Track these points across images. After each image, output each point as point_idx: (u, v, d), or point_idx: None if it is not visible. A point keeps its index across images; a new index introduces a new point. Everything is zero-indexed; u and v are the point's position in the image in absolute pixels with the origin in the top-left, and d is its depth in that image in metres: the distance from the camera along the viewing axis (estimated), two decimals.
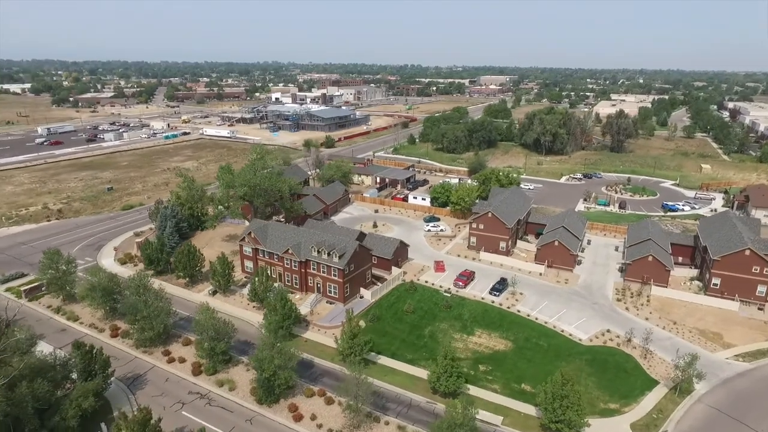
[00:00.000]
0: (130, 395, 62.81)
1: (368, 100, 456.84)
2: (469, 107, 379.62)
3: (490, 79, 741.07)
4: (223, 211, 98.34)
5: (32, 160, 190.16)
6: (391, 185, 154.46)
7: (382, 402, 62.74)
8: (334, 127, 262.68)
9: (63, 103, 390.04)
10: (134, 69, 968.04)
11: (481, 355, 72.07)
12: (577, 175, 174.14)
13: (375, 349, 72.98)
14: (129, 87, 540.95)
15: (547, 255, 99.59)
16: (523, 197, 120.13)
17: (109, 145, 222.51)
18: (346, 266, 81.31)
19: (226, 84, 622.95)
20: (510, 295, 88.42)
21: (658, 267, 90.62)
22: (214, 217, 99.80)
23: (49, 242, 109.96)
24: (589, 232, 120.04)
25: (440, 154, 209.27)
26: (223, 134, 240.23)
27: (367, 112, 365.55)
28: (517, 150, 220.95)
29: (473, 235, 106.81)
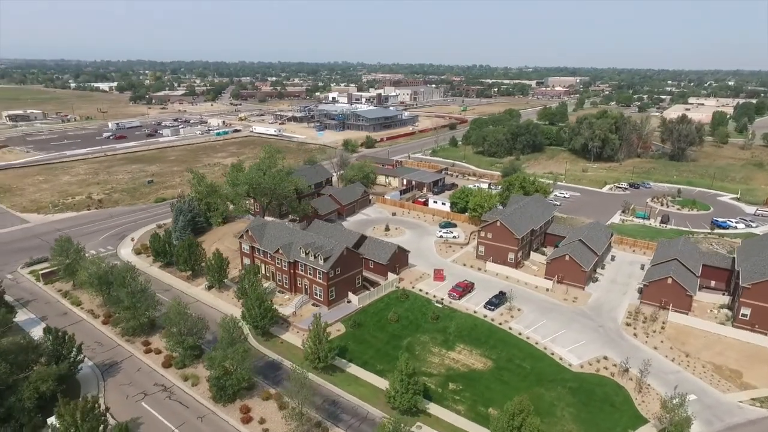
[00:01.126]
0: (101, 381, 65.47)
1: (424, 100, 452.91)
2: (526, 110, 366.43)
3: (559, 81, 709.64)
4: (229, 207, 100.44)
5: (94, 153, 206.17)
6: (417, 188, 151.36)
7: (338, 412, 61.02)
8: (379, 127, 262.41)
9: (139, 100, 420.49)
10: (213, 68, 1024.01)
11: (455, 372, 68.13)
12: (623, 184, 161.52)
13: (348, 357, 71.44)
14: (201, 85, 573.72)
15: (557, 270, 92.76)
16: (544, 206, 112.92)
17: (165, 140, 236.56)
18: (331, 269, 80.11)
19: (291, 83, 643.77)
20: (506, 310, 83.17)
21: (677, 291, 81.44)
22: (220, 213, 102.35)
23: (82, 230, 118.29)
24: (617, 247, 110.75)
25: (480, 157, 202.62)
26: (270, 132, 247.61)
27: (420, 112, 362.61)
28: (564, 155, 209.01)
29: (481, 244, 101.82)
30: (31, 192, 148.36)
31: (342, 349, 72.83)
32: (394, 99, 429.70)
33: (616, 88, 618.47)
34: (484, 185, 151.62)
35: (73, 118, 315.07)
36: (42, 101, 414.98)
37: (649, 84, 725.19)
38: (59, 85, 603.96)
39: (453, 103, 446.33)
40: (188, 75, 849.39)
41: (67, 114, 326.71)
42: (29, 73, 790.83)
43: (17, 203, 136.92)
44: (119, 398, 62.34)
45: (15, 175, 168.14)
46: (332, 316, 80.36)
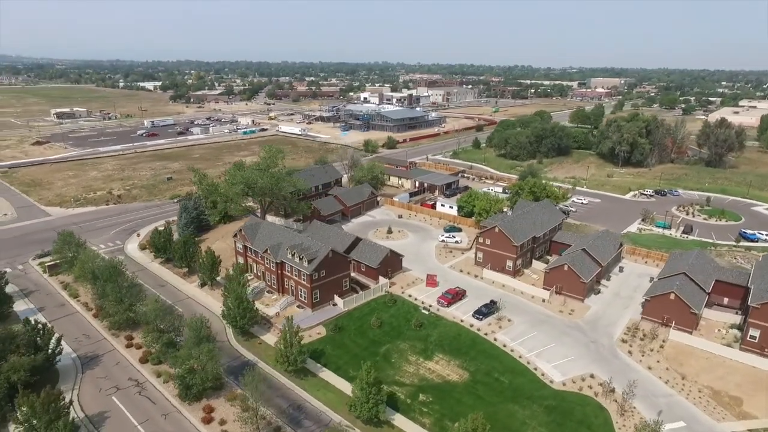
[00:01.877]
0: (80, 373, 67.29)
1: (457, 101, 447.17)
2: (561, 111, 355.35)
3: (602, 82, 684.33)
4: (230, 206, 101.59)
5: (125, 150, 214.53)
6: (429, 191, 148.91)
7: (301, 417, 60.23)
8: (404, 128, 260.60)
9: (179, 99, 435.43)
10: (255, 68, 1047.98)
11: (428, 383, 65.98)
12: (648, 191, 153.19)
13: (323, 361, 70.58)
14: (240, 85, 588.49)
15: (555, 280, 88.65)
16: (551, 213, 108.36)
17: (193, 138, 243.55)
18: (315, 272, 79.46)
19: (328, 83, 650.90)
20: (496, 320, 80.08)
21: (680, 307, 76.02)
22: (218, 211, 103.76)
23: (96, 224, 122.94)
24: (628, 257, 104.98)
25: (501, 160, 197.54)
26: (295, 132, 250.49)
27: (450, 113, 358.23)
28: (592, 159, 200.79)
29: (480, 250, 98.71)
30: (59, 186, 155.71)
31: (318, 353, 72.15)
32: (426, 99, 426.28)
33: (663, 90, 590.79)
34: (498, 189, 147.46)
35: (114, 116, 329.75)
36: (90, 100, 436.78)
37: (701, 85, 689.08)
38: (109, 84, 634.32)
39: (486, 104, 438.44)
40: (231, 75, 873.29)
41: (109, 112, 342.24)
42: (84, 73, 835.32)
43: (44, 197, 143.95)
44: (92, 391, 63.86)
45: (49, 170, 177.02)
46: (315, 318, 79.78)
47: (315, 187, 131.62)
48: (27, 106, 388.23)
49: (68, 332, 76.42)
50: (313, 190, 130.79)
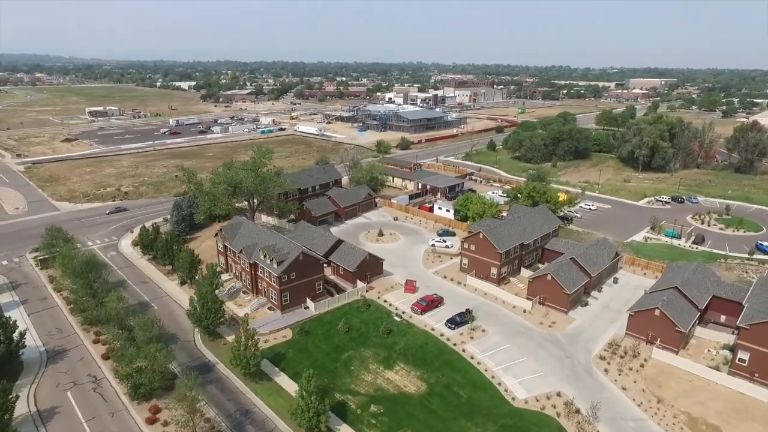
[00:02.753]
0: (43, 367, 68.45)
1: (484, 102, 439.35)
2: (591, 113, 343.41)
3: (640, 83, 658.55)
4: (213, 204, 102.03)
5: (145, 148, 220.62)
6: (431, 193, 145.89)
7: (245, 423, 59.15)
8: (421, 128, 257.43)
9: (209, 98, 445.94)
10: (290, 69, 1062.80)
11: (383, 393, 63.69)
12: (664, 197, 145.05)
13: (283, 365, 69.38)
14: (271, 85, 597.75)
15: (538, 290, 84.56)
16: (545, 219, 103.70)
17: (212, 137, 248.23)
18: (284, 274, 78.44)
19: (358, 83, 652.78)
20: (469, 330, 76.94)
21: (666, 324, 70.79)
22: (202, 210, 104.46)
23: (97, 220, 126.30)
24: (626, 268, 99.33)
25: (515, 163, 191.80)
26: (311, 131, 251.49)
27: (474, 114, 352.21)
28: (611, 163, 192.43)
29: (465, 257, 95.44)
30: (73, 182, 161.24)
31: (279, 357, 71.06)
32: (452, 100, 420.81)
33: (706, 91, 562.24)
34: (499, 192, 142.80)
35: (144, 115, 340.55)
36: (126, 99, 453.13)
37: (750, 86, 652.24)
38: (147, 84, 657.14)
39: (514, 105, 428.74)
40: (265, 75, 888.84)
41: (140, 111, 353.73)
42: (127, 72, 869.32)
43: (56, 192, 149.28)
44: (50, 385, 64.80)
45: (69, 166, 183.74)
46: (283, 321, 78.81)
47: (312, 188, 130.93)
48: (67, 105, 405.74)
49: (44, 325, 78.44)
50: (310, 190, 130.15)
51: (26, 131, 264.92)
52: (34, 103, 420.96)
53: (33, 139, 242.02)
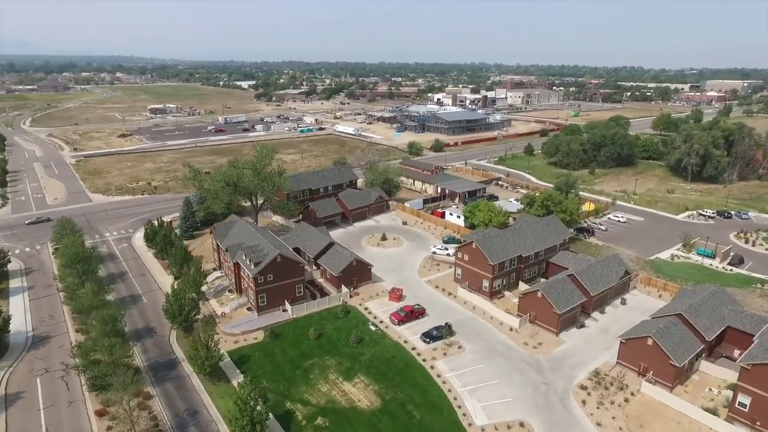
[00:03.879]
0: (25, 352, 71.91)
1: (538, 103, 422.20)
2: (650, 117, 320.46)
3: (718, 84, 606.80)
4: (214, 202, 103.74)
5: (188, 144, 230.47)
6: (450, 198, 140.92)
7: (189, 424, 58.71)
8: (459, 130, 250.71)
9: (263, 97, 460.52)
10: (350, 69, 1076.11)
11: (334, 406, 61.15)
12: (708, 211, 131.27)
13: (245, 368, 68.62)
14: (326, 85, 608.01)
15: (529, 307, 78.57)
16: (555, 230, 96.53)
17: (254, 135, 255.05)
18: (260, 275, 77.80)
19: (412, 84, 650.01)
20: (446, 345, 72.69)
21: (659, 356, 63.11)
22: (203, 208, 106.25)
23: (121, 212, 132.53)
24: (641, 288, 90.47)
25: (550, 169, 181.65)
26: (348, 131, 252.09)
27: (524, 116, 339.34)
28: (658, 172, 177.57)
29: (459, 267, 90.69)
30: (113, 175, 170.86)
31: (244, 359, 70.48)
32: (503, 101, 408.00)
33: None
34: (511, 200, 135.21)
35: (199, 112, 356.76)
36: (189, 97, 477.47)
37: None
38: (211, 83, 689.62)
39: (570, 107, 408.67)
40: (324, 75, 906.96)
41: (196, 108, 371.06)
42: (196, 72, 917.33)
43: (95, 184, 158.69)
44: (25, 369, 67.86)
45: (114, 160, 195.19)
46: (258, 322, 78.26)
47: (324, 188, 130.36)
48: (135, 102, 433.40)
49: (39, 312, 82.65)
50: (322, 191, 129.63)
51: (91, 126, 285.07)
52: (107, 100, 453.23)
53: (94, 134, 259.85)
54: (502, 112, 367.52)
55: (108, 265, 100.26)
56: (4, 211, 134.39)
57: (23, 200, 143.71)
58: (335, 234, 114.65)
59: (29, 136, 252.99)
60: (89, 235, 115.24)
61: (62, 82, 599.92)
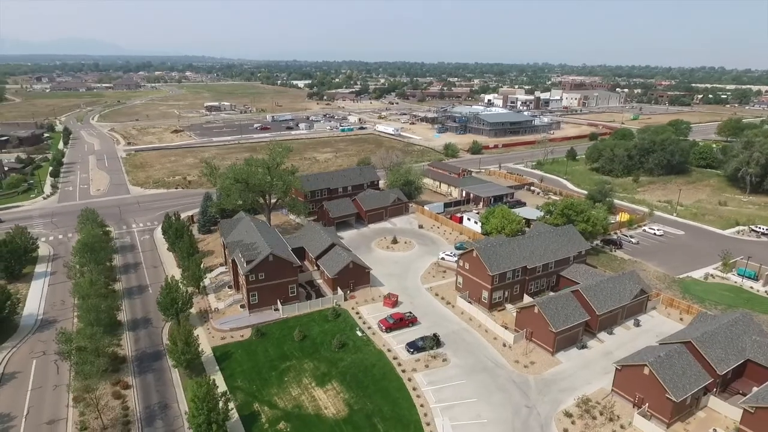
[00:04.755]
0: (31, 334, 76.05)
1: (595, 106, 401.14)
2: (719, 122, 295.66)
3: None
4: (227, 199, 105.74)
5: (231, 141, 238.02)
6: (474, 202, 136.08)
7: (157, 418, 59.53)
8: (501, 132, 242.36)
9: (314, 96, 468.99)
10: (407, 68, 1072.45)
11: (299, 412, 59.89)
12: (761, 227, 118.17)
13: (224, 365, 68.99)
14: (380, 84, 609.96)
15: (525, 323, 73.77)
16: (571, 241, 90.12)
17: (296, 133, 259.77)
18: (251, 273, 78.00)
19: (467, 84, 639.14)
20: (430, 357, 69.63)
21: (655, 388, 56.84)
22: (216, 204, 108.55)
23: (151, 205, 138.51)
24: (661, 309, 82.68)
25: (591, 175, 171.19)
26: (388, 131, 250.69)
27: (576, 119, 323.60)
28: (712, 182, 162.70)
29: (461, 275, 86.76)
30: (155, 169, 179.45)
31: (227, 356, 70.91)
32: (557, 103, 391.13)
33: None
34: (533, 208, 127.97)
35: (250, 110, 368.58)
36: (246, 95, 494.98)
37: None
38: (270, 82, 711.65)
39: (631, 110, 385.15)
40: (381, 74, 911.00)
41: (249, 106, 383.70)
42: (258, 71, 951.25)
43: (136, 177, 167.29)
44: (26, 351, 71.82)
45: (160, 155, 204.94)
46: (248, 320, 78.57)
47: (344, 188, 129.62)
48: (195, 100, 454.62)
49: (54, 296, 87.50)
50: (341, 191, 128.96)
51: (149, 122, 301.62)
52: (171, 97, 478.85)
53: (151, 130, 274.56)
54: (555, 114, 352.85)
55: (126, 255, 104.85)
56: (51, 200, 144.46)
57: (70, 190, 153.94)
58: (347, 235, 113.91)
59: (93, 131, 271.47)
60: (117, 225, 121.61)
61: (134, 81, 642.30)
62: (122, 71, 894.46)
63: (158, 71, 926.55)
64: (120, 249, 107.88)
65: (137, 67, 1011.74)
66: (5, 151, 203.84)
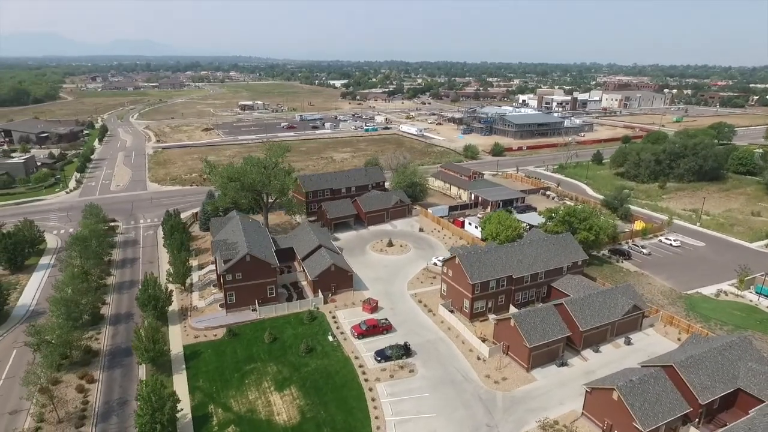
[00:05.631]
0: (19, 324, 78.66)
1: (637, 107, 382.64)
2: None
3: None
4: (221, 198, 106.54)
5: (255, 139, 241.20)
6: (482, 206, 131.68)
7: (113, 413, 60.02)
8: (527, 134, 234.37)
9: (348, 96, 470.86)
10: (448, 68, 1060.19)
11: (251, 417, 58.83)
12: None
13: (192, 363, 69.02)
14: (416, 84, 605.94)
15: (503, 336, 69.99)
16: (565, 250, 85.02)
17: (320, 133, 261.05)
18: (227, 273, 77.90)
19: (505, 84, 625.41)
20: (397, 366, 67.16)
21: (624, 415, 52.19)
22: (211, 203, 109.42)
23: (162, 201, 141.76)
24: (660, 328, 76.55)
25: (614, 180, 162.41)
26: (411, 132, 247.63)
27: (614, 120, 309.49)
28: (749, 191, 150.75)
29: (445, 283, 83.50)
30: (176, 166, 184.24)
31: (197, 354, 70.94)
32: (596, 104, 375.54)
33: None
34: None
35: (282, 109, 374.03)
36: (282, 94, 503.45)
37: None
38: (308, 81, 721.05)
39: (676, 112, 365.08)
40: (420, 74, 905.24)
41: (281, 105, 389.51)
42: (299, 71, 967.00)
43: (156, 174, 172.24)
44: (10, 340, 74.34)
45: (184, 152, 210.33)
46: (224, 320, 78.48)
47: (347, 189, 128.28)
48: (233, 99, 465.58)
49: (50, 288, 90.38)
50: (344, 191, 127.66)
51: (183, 121, 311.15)
52: (210, 96, 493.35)
53: (183, 128, 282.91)
54: (592, 115, 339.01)
55: (126, 250, 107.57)
56: (73, 194, 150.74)
57: (93, 185, 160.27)
58: (345, 236, 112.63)
59: (130, 128, 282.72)
60: (126, 220, 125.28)
61: (179, 80, 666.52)
62: (171, 71, 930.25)
63: (204, 71, 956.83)
64: (123, 244, 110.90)
65: (186, 67, 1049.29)
66: (44, 147, 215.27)
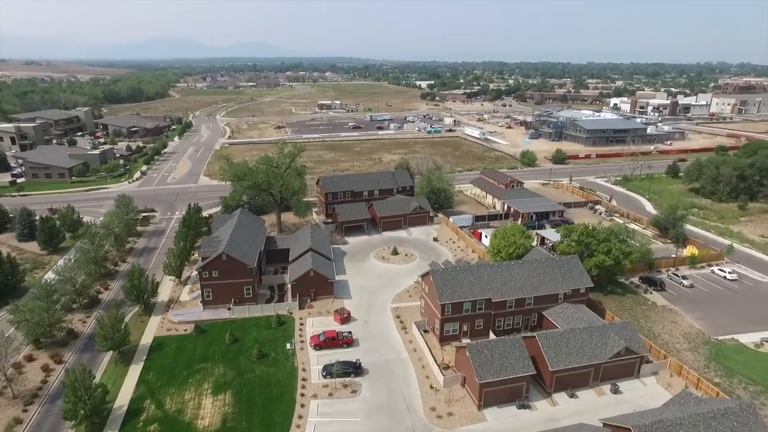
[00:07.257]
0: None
1: (756, 112, 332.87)
2: None
3: None
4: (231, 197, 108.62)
5: (318, 138, 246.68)
6: (513, 217, 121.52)
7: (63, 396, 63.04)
8: (601, 140, 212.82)
9: (427, 97, 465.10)
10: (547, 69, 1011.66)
11: (176, 417, 58.29)
12: None
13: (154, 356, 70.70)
14: (506, 86, 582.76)
15: (463, 366, 62.94)
16: (565, 275, 74.62)
17: (383, 133, 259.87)
18: (203, 270, 78.86)
19: (603, 86, 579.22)
20: (342, 386, 63.19)
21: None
22: (224, 201, 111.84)
23: (205, 195, 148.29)
24: (666, 376, 64.21)
25: (686, 197, 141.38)
26: (474, 135, 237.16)
27: (716, 128, 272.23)
28: None
29: (423, 299, 77.33)
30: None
31: (160, 347, 72.68)
32: (701, 109, 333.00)
33: None
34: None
35: (359, 109, 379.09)
36: (365, 94, 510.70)
37: None
38: (396, 82, 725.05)
39: None
40: (515, 75, 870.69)
41: (359, 104, 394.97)
42: (391, 72, 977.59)
43: (211, 169, 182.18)
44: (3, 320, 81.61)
45: (247, 148, 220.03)
46: (198, 316, 79.70)
47: (369, 192, 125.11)
48: (317, 98, 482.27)
49: None
50: (366, 194, 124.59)
51: (262, 118, 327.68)
52: (297, 95, 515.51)
53: (259, 125, 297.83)
54: (694, 121, 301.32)
55: (151, 240, 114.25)
56: (134, 184, 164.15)
57: (154, 177, 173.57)
58: (354, 241, 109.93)
59: (212, 124, 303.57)
60: (163, 212, 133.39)
61: (275, 80, 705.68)
62: (274, 71, 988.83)
63: (303, 71, 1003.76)
64: (151, 233, 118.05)
65: (287, 68, 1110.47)
66: (132, 140, 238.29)
